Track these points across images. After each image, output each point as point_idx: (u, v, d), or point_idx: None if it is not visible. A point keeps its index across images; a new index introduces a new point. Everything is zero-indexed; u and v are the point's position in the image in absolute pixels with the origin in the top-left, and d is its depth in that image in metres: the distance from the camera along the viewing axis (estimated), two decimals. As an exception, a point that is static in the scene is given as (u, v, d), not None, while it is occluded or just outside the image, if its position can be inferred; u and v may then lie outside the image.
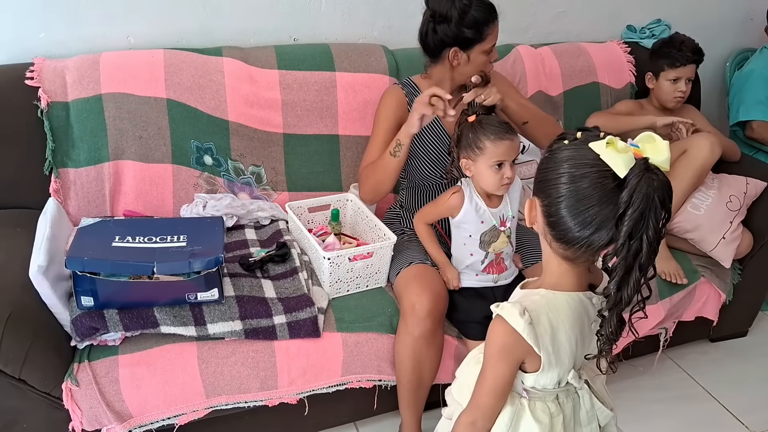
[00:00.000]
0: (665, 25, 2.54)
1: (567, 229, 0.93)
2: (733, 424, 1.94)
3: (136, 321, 1.44)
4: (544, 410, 1.06)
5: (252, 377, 1.52)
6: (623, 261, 0.89)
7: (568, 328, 1.00)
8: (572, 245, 0.95)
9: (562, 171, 0.93)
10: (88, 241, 1.47)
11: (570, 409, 1.08)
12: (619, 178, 0.88)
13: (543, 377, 1.03)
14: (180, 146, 1.85)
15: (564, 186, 0.92)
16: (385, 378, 1.64)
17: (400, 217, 1.88)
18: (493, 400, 1.04)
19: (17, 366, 1.31)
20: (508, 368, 1.02)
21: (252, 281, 1.61)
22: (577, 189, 0.91)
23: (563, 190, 0.92)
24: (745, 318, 2.28)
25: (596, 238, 0.91)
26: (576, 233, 0.93)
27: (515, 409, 1.06)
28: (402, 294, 1.60)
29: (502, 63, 2.19)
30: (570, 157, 0.93)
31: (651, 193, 0.86)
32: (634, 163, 0.87)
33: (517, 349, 0.99)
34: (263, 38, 2.06)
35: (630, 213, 0.86)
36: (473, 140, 1.48)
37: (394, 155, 1.62)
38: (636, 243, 0.87)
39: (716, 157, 1.93)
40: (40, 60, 1.78)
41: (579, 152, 0.92)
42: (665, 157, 0.90)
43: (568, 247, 0.96)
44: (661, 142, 0.90)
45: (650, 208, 0.86)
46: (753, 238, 2.03)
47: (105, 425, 1.43)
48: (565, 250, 0.97)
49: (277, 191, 1.98)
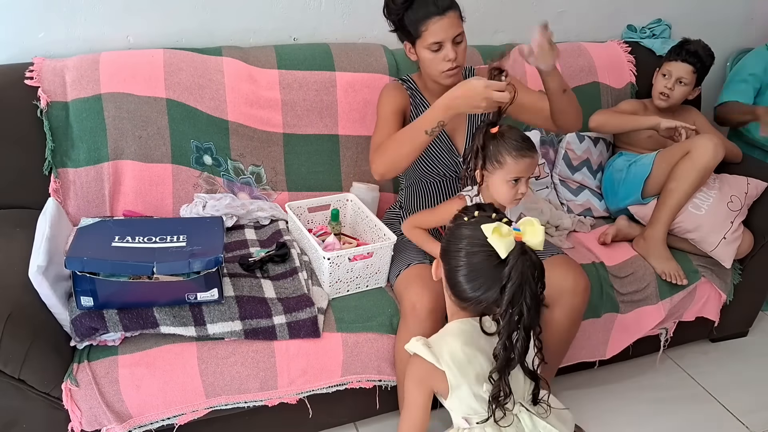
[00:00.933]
0: (665, 25, 2.53)
1: (461, 290, 1.16)
2: (733, 424, 1.94)
3: (135, 321, 1.44)
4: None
5: (252, 377, 1.51)
6: (507, 325, 1.09)
7: (461, 343, 1.18)
8: (465, 302, 1.18)
9: (460, 246, 1.16)
10: (88, 241, 1.47)
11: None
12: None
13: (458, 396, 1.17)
14: (180, 146, 1.85)
15: (461, 259, 1.15)
16: (385, 378, 1.64)
17: (400, 217, 1.88)
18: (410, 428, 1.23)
19: (17, 366, 1.31)
20: (421, 395, 1.21)
21: (252, 281, 1.60)
22: (470, 262, 1.14)
23: (460, 262, 1.15)
24: (745, 318, 2.28)
25: (484, 298, 1.14)
26: (468, 294, 1.16)
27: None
28: (403, 294, 1.60)
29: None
30: (467, 235, 1.16)
31: (526, 271, 1.08)
32: (513, 247, 1.09)
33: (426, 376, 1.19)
34: (263, 38, 2.06)
35: (510, 286, 1.08)
36: (494, 153, 1.47)
37: (430, 134, 1.51)
38: (517, 308, 1.09)
39: (719, 159, 1.93)
40: (40, 60, 1.78)
41: (475, 232, 1.14)
42: (539, 240, 1.11)
43: (462, 303, 1.19)
44: (538, 226, 1.12)
45: (526, 282, 1.08)
46: (753, 238, 2.03)
47: (105, 425, 1.43)
48: (460, 303, 1.20)
49: (276, 191, 1.98)
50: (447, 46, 1.59)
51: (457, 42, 1.61)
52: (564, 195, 2.23)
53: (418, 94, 1.77)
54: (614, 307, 1.85)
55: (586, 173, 2.23)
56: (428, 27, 1.57)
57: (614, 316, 1.85)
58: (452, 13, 1.59)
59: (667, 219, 1.95)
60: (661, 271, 1.92)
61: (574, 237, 2.06)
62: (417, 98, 1.77)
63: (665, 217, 1.95)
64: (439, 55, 1.60)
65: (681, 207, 1.96)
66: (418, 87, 1.78)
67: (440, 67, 1.62)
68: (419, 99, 1.77)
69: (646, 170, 2.03)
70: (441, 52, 1.60)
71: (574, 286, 1.59)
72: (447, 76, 1.63)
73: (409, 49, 1.67)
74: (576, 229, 2.10)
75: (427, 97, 1.76)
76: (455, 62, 1.61)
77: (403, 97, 1.75)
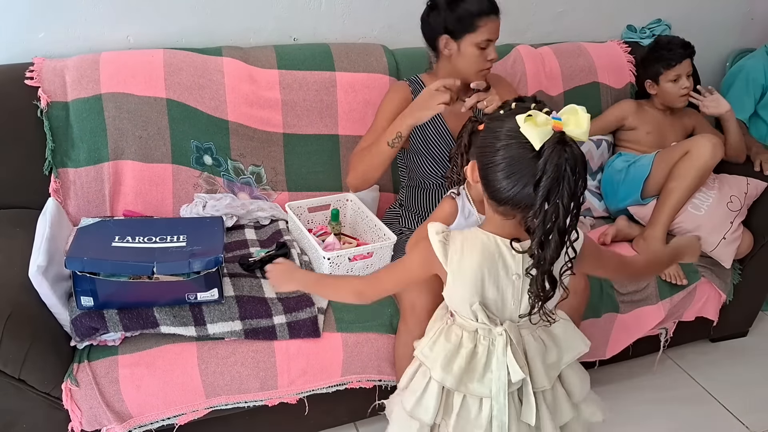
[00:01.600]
0: (665, 25, 2.54)
1: (497, 189, 1.05)
2: (733, 425, 1.94)
3: (135, 321, 1.44)
4: (456, 334, 1.19)
5: (252, 377, 1.52)
6: (541, 224, 1.00)
7: (475, 257, 1.11)
8: (501, 203, 1.07)
9: (495, 140, 1.05)
10: (88, 241, 1.47)
11: (484, 348, 1.17)
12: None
13: (450, 293, 1.16)
14: (180, 146, 1.85)
15: (494, 154, 1.04)
16: (385, 378, 1.64)
17: (400, 217, 1.88)
18: (390, 284, 1.24)
19: (17, 366, 1.31)
20: (419, 266, 1.18)
21: (252, 281, 1.60)
22: (505, 156, 1.03)
23: (494, 158, 1.04)
24: (745, 318, 2.28)
25: (520, 197, 1.03)
26: (504, 194, 1.05)
27: (441, 325, 1.22)
28: (402, 294, 1.60)
29: (502, 63, 2.19)
30: (503, 128, 1.04)
31: (562, 164, 0.97)
32: (549, 137, 0.98)
33: (430, 261, 1.15)
34: (263, 38, 2.06)
35: (544, 180, 0.97)
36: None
37: (392, 146, 1.62)
38: (552, 208, 0.99)
39: (718, 159, 1.93)
40: (40, 60, 1.78)
41: (507, 124, 1.04)
42: (583, 130, 0.99)
43: (499, 205, 1.08)
44: (582, 115, 0.99)
45: (563, 177, 0.97)
46: (753, 238, 2.03)
47: (105, 425, 1.43)
48: (496, 206, 1.09)
49: (276, 191, 1.98)
50: (491, 46, 1.63)
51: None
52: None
53: None
54: (614, 307, 1.85)
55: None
56: (486, 23, 1.60)
57: (614, 316, 1.85)
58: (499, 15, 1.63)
59: (666, 219, 1.95)
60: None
61: (573, 237, 2.06)
62: None
63: (665, 218, 1.95)
64: (483, 53, 1.63)
65: (681, 207, 1.96)
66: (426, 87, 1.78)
67: (480, 65, 1.65)
68: None
69: (645, 171, 2.03)
70: (485, 51, 1.63)
71: (574, 285, 1.59)
72: (482, 75, 1.67)
73: (445, 44, 1.67)
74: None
75: None
76: (492, 63, 1.66)
77: (406, 101, 1.75)
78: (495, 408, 1.16)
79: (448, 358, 1.17)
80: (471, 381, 1.17)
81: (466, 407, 1.19)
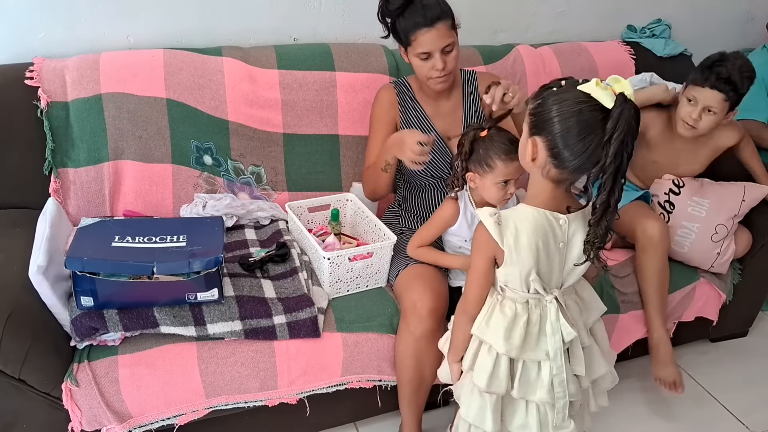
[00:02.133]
0: (665, 25, 2.53)
1: (567, 156, 1.14)
2: (733, 424, 1.94)
3: (135, 321, 1.44)
4: (510, 308, 1.29)
5: (252, 377, 1.51)
6: (612, 175, 1.11)
7: (530, 233, 1.21)
8: (569, 169, 1.16)
9: (561, 110, 1.13)
10: (88, 241, 1.47)
11: (537, 317, 1.29)
12: (604, 110, 1.09)
13: (508, 271, 1.25)
14: (180, 146, 1.85)
15: (565, 122, 1.12)
16: (385, 378, 1.64)
17: (400, 217, 1.88)
18: (476, 289, 1.31)
19: (17, 366, 1.31)
20: (484, 261, 1.27)
21: (252, 281, 1.60)
22: (576, 122, 1.12)
23: (565, 125, 1.12)
24: (745, 318, 2.28)
25: (588, 159, 1.13)
26: (576, 158, 1.13)
27: (492, 301, 1.31)
28: (403, 294, 1.60)
29: (502, 63, 2.19)
30: (565, 99, 1.13)
31: (630, 119, 1.08)
32: (615, 97, 1.09)
33: (488, 245, 1.23)
34: (263, 38, 2.06)
35: (616, 137, 1.08)
36: (484, 157, 1.48)
37: (385, 171, 1.69)
38: (618, 160, 1.10)
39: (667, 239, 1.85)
40: (40, 60, 1.78)
41: (571, 94, 1.13)
42: (631, 91, 1.11)
43: (564, 171, 1.17)
44: (624, 80, 1.11)
45: (629, 132, 1.09)
46: (752, 238, 2.02)
47: (105, 425, 1.43)
48: (560, 174, 1.18)
49: (276, 191, 1.98)
50: (435, 56, 1.61)
51: (447, 51, 1.62)
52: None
53: (409, 99, 1.78)
54: (615, 307, 1.84)
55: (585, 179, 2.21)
56: (417, 37, 1.59)
57: (615, 316, 1.85)
58: (441, 24, 1.58)
59: (659, 319, 1.84)
60: (656, 377, 1.82)
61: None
62: (407, 103, 1.78)
63: (658, 318, 1.84)
64: (427, 63, 1.62)
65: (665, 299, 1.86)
66: (413, 89, 1.79)
67: (427, 74, 1.65)
68: (410, 104, 1.78)
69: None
70: (429, 62, 1.62)
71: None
72: (436, 82, 1.67)
73: (402, 53, 1.69)
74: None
75: (421, 100, 1.78)
76: (443, 71, 1.63)
77: (391, 105, 1.77)
78: (554, 368, 1.28)
79: (508, 330, 1.27)
80: (529, 348, 1.29)
81: (526, 371, 1.31)
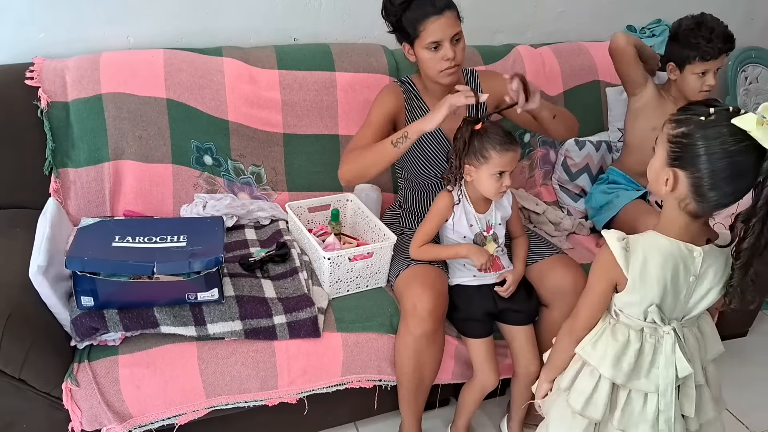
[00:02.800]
0: (665, 25, 2.52)
1: (712, 196, 1.08)
2: (733, 424, 1.94)
3: (136, 321, 1.44)
4: (623, 333, 1.22)
5: (252, 377, 1.52)
6: (760, 220, 1.06)
7: (659, 263, 1.14)
8: (713, 207, 1.11)
9: (712, 150, 1.05)
10: (88, 241, 1.47)
11: (650, 346, 1.21)
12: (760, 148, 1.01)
13: (628, 298, 1.18)
14: (180, 146, 1.85)
15: (715, 162, 1.05)
16: (385, 378, 1.64)
17: (400, 217, 1.88)
18: (590, 311, 1.24)
19: (17, 366, 1.31)
20: (604, 285, 1.20)
21: (252, 281, 1.60)
22: (729, 164, 1.04)
23: (715, 165, 1.05)
24: (745, 318, 2.28)
25: (732, 201, 1.08)
26: (723, 200, 1.08)
27: (604, 325, 1.24)
28: (403, 294, 1.60)
29: (501, 63, 2.19)
30: (721, 133, 1.04)
31: None
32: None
33: (612, 269, 1.17)
34: (263, 38, 2.06)
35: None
36: (479, 149, 1.48)
37: (395, 146, 1.57)
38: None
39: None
40: (40, 60, 1.78)
41: (723, 130, 1.04)
42: None
43: (706, 209, 1.11)
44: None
45: None
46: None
47: (105, 425, 1.43)
48: (702, 210, 1.12)
49: (277, 191, 1.98)
50: (445, 45, 1.60)
51: (456, 41, 1.62)
52: (564, 200, 2.23)
53: (415, 98, 1.77)
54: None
55: (586, 179, 2.22)
56: (426, 27, 1.58)
57: (614, 316, 1.85)
58: (450, 12, 1.59)
59: None
60: None
61: (573, 238, 2.07)
62: (413, 102, 1.77)
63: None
64: (437, 54, 1.61)
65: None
66: (418, 89, 1.78)
67: (439, 66, 1.62)
68: (416, 103, 1.77)
69: (614, 212, 1.98)
70: (439, 52, 1.61)
71: (574, 285, 1.59)
72: (446, 74, 1.64)
73: (407, 51, 1.68)
74: (576, 231, 2.11)
75: (426, 100, 1.76)
76: (454, 61, 1.62)
77: (398, 102, 1.75)
78: (662, 403, 1.20)
79: (618, 356, 1.21)
80: (638, 377, 1.21)
81: (630, 402, 1.24)
